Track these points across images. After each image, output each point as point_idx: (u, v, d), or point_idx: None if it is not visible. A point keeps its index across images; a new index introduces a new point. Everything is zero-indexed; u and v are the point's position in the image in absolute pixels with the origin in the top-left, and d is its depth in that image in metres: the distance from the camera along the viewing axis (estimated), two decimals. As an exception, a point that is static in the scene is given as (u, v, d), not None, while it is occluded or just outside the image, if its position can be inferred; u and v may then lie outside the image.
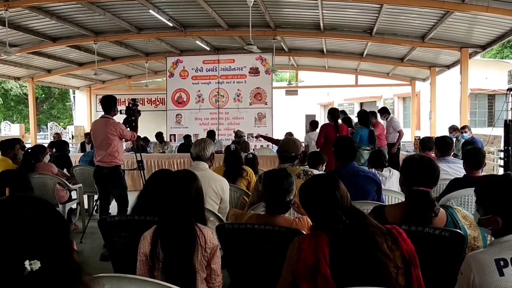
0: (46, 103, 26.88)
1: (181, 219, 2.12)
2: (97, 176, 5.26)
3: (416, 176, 2.33)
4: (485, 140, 8.79)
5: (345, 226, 1.72)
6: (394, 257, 1.65)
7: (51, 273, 0.98)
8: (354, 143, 3.48)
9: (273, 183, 2.39)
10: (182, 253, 2.07)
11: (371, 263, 1.64)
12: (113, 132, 5.04)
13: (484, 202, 1.81)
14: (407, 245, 1.70)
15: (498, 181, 1.81)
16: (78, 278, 1.03)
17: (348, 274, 1.63)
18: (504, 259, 1.63)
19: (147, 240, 2.12)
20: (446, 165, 4.40)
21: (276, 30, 10.01)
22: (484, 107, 17.29)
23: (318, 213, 1.82)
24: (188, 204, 2.16)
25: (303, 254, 1.69)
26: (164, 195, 2.19)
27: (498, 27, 8.09)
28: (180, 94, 12.43)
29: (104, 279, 1.74)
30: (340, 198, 1.78)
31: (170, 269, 2.05)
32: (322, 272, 1.61)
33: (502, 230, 1.73)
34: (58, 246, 1.03)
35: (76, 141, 15.74)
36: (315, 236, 1.73)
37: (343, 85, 17.32)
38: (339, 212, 1.75)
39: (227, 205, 3.48)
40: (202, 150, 3.51)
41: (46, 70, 13.42)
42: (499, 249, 1.67)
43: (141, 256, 2.13)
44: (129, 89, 16.76)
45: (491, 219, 1.75)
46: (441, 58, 11.47)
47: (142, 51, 12.44)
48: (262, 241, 2.27)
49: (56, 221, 1.06)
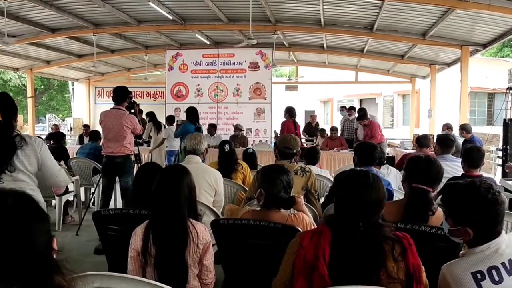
0: (45, 94, 26.81)
1: (173, 214, 2.10)
2: (108, 166, 5.19)
3: (418, 174, 2.34)
4: (483, 138, 8.79)
5: (358, 231, 1.64)
6: (397, 268, 1.60)
7: (10, 272, 0.95)
8: (376, 148, 3.47)
9: (272, 177, 2.36)
10: (174, 248, 2.05)
11: (370, 270, 1.59)
12: (129, 126, 5.05)
13: (453, 213, 1.72)
14: (415, 259, 1.63)
15: (464, 190, 1.68)
16: (47, 279, 0.99)
17: (345, 275, 1.60)
18: (480, 272, 1.58)
19: (139, 236, 2.10)
20: (445, 163, 4.38)
21: (277, 24, 9.96)
22: (484, 105, 17.28)
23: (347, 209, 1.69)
24: (181, 199, 2.13)
25: (302, 250, 1.67)
26: (156, 190, 2.17)
27: (500, 26, 8.06)
28: (179, 87, 12.39)
29: (94, 277, 1.72)
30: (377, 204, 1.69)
31: (162, 265, 2.04)
32: (319, 271, 1.59)
33: (476, 240, 1.66)
34: (26, 245, 0.99)
35: (75, 133, 15.70)
36: (318, 233, 1.70)
37: (343, 81, 17.28)
38: (370, 218, 1.66)
39: (221, 198, 3.47)
40: (198, 144, 3.51)
41: (45, 61, 13.36)
42: (474, 261, 1.62)
43: (132, 252, 2.10)
44: (128, 82, 16.69)
45: (461, 231, 1.68)
46: (441, 55, 11.43)
47: (142, 43, 12.38)
48: (257, 237, 2.25)
49: (30, 219, 1.03)
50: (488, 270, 1.58)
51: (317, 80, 18.66)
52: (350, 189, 1.68)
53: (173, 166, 2.30)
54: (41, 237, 1.03)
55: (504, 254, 1.61)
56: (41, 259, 1.01)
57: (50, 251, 1.06)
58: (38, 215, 1.05)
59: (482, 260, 1.61)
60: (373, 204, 1.66)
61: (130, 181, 5.14)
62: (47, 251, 1.05)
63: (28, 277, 0.97)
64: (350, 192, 1.67)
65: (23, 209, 1.03)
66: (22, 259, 0.97)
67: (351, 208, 1.66)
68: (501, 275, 1.57)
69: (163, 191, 2.15)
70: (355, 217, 1.65)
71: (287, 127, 7.48)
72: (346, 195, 1.68)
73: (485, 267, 1.59)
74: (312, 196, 3.34)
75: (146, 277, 2.06)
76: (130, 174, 5.16)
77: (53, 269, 1.01)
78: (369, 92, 19.85)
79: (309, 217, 2.41)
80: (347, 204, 1.68)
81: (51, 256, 1.06)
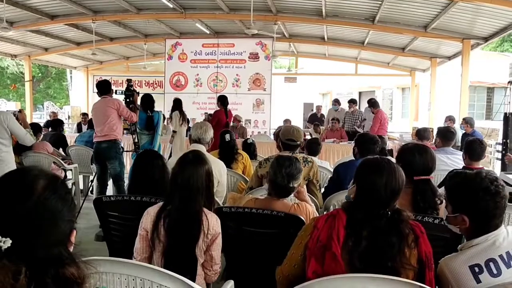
0: (43, 82, 26.64)
1: (190, 207, 2.05)
2: (97, 153, 5.26)
3: (417, 166, 2.34)
4: (483, 133, 8.79)
5: (386, 216, 1.67)
6: (409, 255, 1.62)
7: (23, 258, 0.92)
8: (376, 141, 3.49)
9: (281, 166, 2.35)
10: (186, 240, 2.03)
11: (382, 254, 1.60)
12: (111, 106, 5.07)
13: (453, 199, 1.73)
14: (426, 247, 1.65)
15: (469, 178, 1.69)
16: (58, 269, 0.97)
17: (361, 259, 1.61)
18: (478, 265, 1.58)
19: (151, 216, 2.08)
20: (445, 156, 4.40)
21: (278, 15, 9.88)
22: (483, 99, 17.27)
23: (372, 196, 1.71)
24: (199, 192, 2.08)
25: (316, 232, 1.69)
26: (174, 179, 2.11)
27: (501, 19, 8.02)
28: (178, 77, 12.32)
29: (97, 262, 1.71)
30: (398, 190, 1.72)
31: (171, 254, 2.02)
32: (332, 250, 1.60)
33: (472, 231, 1.67)
34: (46, 231, 0.97)
35: (72, 121, 15.62)
36: (332, 216, 1.71)
37: (343, 73, 17.21)
38: (392, 204, 1.70)
39: (224, 189, 3.47)
40: (203, 133, 3.48)
41: (43, 48, 13.23)
42: (471, 254, 1.62)
43: (142, 230, 2.09)
44: (127, 70, 16.58)
45: (458, 218, 1.68)
46: (442, 49, 11.39)
47: (141, 32, 12.28)
48: (259, 225, 2.25)
49: (59, 204, 1.00)
50: (485, 263, 1.57)
51: (317, 72, 18.60)
52: (375, 177, 1.69)
53: (189, 155, 2.20)
54: (64, 225, 1.01)
55: (501, 247, 1.60)
56: (57, 247, 0.99)
57: (67, 242, 1.04)
58: (68, 201, 1.03)
59: (479, 253, 1.60)
60: (396, 191, 1.69)
61: (117, 166, 5.17)
62: (65, 241, 1.03)
63: (40, 262, 0.95)
64: (375, 180, 1.68)
65: (55, 192, 1.00)
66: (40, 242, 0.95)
67: (377, 196, 1.67)
68: (499, 267, 1.57)
69: (180, 182, 2.08)
70: (381, 203, 1.67)
71: (218, 116, 7.61)
72: (371, 184, 1.69)
73: (482, 260, 1.58)
74: (314, 187, 3.34)
75: (153, 261, 2.05)
76: (116, 159, 5.17)
77: (66, 260, 0.99)
78: (368, 85, 19.79)
79: (312, 207, 2.41)
80: (372, 192, 1.69)
81: (67, 247, 1.03)
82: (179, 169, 2.13)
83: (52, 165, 5.48)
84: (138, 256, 2.07)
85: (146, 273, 1.67)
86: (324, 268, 1.60)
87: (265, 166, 3.33)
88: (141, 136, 6.11)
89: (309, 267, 1.64)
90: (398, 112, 19.62)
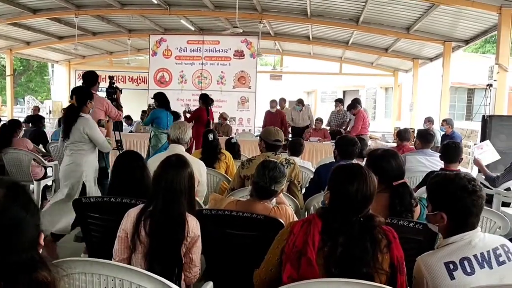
0: (24, 75, 26.13)
1: (174, 207, 2.06)
2: None
3: (390, 171, 2.39)
4: (462, 133, 8.97)
5: (358, 222, 1.70)
6: (382, 260, 1.65)
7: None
8: (355, 142, 3.53)
9: (266, 169, 2.37)
10: (169, 243, 2.03)
11: (357, 260, 1.64)
12: (100, 107, 4.94)
13: (433, 198, 1.81)
14: (398, 252, 1.69)
15: (448, 178, 1.78)
16: (31, 274, 0.98)
17: (335, 264, 1.64)
18: (453, 262, 1.64)
19: (131, 219, 2.08)
20: (424, 157, 4.49)
21: (263, 13, 9.89)
22: (463, 100, 17.57)
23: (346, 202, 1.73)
24: (182, 194, 2.09)
25: (292, 237, 1.72)
26: (157, 181, 2.12)
27: (482, 22, 8.18)
28: (162, 73, 12.23)
29: (76, 263, 1.71)
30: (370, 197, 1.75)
31: (155, 256, 2.02)
32: (307, 255, 1.63)
33: (450, 229, 1.73)
34: (12, 239, 0.97)
35: (54, 116, 15.39)
36: (308, 221, 1.74)
37: (328, 72, 17.32)
38: (365, 210, 1.72)
39: (204, 188, 3.48)
40: (182, 133, 3.48)
41: (25, 42, 13.02)
42: (447, 252, 1.68)
43: (121, 232, 2.09)
44: (110, 65, 16.38)
45: (437, 216, 1.75)
46: (424, 50, 11.56)
47: (125, 27, 12.14)
48: (239, 227, 2.27)
49: (21, 210, 1.00)
50: (460, 261, 1.63)
51: (302, 70, 18.67)
52: (348, 185, 1.71)
53: (173, 158, 2.21)
54: (30, 230, 1.01)
55: (477, 247, 1.66)
56: (27, 253, 0.99)
57: (37, 246, 1.04)
58: (30, 207, 1.03)
59: (455, 251, 1.66)
60: (368, 197, 1.72)
61: (103, 164, 5.08)
62: (34, 245, 1.03)
63: (12, 269, 0.95)
64: (348, 188, 1.71)
65: (15, 200, 1.00)
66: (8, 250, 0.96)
67: (350, 202, 1.70)
68: (473, 266, 1.63)
69: (164, 185, 2.09)
70: (354, 210, 1.70)
71: (199, 113, 7.70)
72: (344, 191, 1.72)
73: (457, 257, 1.64)
74: (295, 187, 3.38)
75: (132, 262, 2.06)
76: (103, 159, 5.08)
77: (37, 264, 1.00)
78: (352, 84, 19.95)
79: (291, 210, 2.44)
80: (345, 199, 1.72)
81: (37, 251, 1.04)
82: (162, 172, 2.14)
83: (32, 162, 5.41)
84: (117, 258, 2.08)
85: (126, 274, 1.68)
86: (300, 273, 1.63)
87: (248, 167, 3.36)
88: (161, 136, 5.91)
89: (285, 272, 1.67)
90: (381, 111, 19.84)
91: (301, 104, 10.37)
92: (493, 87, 6.92)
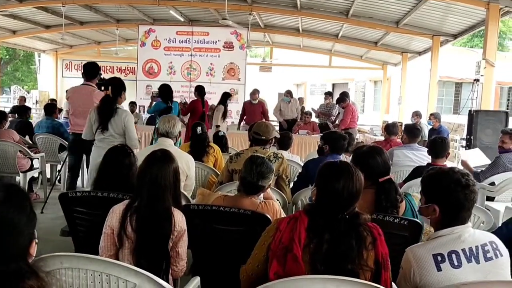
0: (10, 64, 25.69)
1: (158, 205, 2.06)
2: (76, 144, 4.86)
3: (376, 167, 2.41)
4: (449, 127, 9.06)
5: (344, 219, 1.70)
6: (367, 256, 1.67)
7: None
8: (344, 138, 3.55)
9: (253, 164, 2.38)
10: (156, 238, 2.03)
11: (342, 257, 1.65)
12: (98, 101, 4.83)
13: (426, 190, 1.85)
14: (383, 248, 1.70)
15: (442, 172, 1.83)
16: (18, 283, 0.96)
17: (321, 261, 1.66)
18: (441, 254, 1.68)
19: (116, 215, 2.07)
20: (411, 152, 4.54)
21: (253, 5, 9.84)
22: (451, 94, 17.73)
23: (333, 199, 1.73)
24: (167, 189, 2.09)
25: (279, 234, 1.73)
26: (142, 176, 2.11)
27: (470, 17, 8.24)
28: (151, 64, 12.13)
29: (63, 258, 1.71)
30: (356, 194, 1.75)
31: (142, 251, 2.02)
32: (293, 252, 1.64)
33: (442, 222, 1.77)
34: (2, 245, 0.95)
35: (40, 106, 15.18)
36: (295, 218, 1.75)
37: (317, 65, 17.33)
38: (351, 207, 1.73)
39: (192, 182, 3.47)
40: (172, 127, 3.47)
41: (11, 31, 12.80)
42: (436, 244, 1.72)
43: (107, 229, 2.08)
44: (98, 56, 16.17)
45: (430, 208, 1.79)
46: (413, 44, 11.63)
47: (113, 17, 11.99)
48: (227, 223, 2.28)
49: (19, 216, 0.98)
50: (448, 254, 1.67)
51: (292, 63, 18.66)
52: (335, 182, 1.72)
53: (158, 152, 2.20)
54: (22, 238, 0.99)
55: (466, 241, 1.70)
56: (16, 262, 0.97)
57: (27, 255, 1.02)
58: (27, 213, 1.00)
59: (444, 244, 1.70)
60: (355, 194, 1.73)
61: None
62: (24, 255, 1.01)
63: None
64: (335, 185, 1.71)
65: (12, 205, 0.98)
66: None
67: (336, 200, 1.71)
68: (460, 260, 1.66)
69: (149, 180, 2.08)
70: (340, 207, 1.71)
71: (194, 105, 7.70)
72: (331, 188, 1.72)
73: (446, 250, 1.68)
74: (283, 182, 3.39)
75: (119, 258, 2.06)
76: None
77: (26, 274, 0.98)
78: (342, 77, 20.00)
79: (278, 205, 2.45)
80: (332, 196, 1.72)
81: (27, 260, 1.02)
82: (146, 166, 2.13)
83: (18, 153, 5.34)
84: (104, 255, 2.07)
85: (113, 269, 1.68)
86: (286, 270, 1.64)
87: (236, 161, 3.36)
88: None
89: (271, 268, 1.68)
90: (370, 104, 19.95)
91: (290, 95, 10.29)
92: (480, 82, 6.99)
